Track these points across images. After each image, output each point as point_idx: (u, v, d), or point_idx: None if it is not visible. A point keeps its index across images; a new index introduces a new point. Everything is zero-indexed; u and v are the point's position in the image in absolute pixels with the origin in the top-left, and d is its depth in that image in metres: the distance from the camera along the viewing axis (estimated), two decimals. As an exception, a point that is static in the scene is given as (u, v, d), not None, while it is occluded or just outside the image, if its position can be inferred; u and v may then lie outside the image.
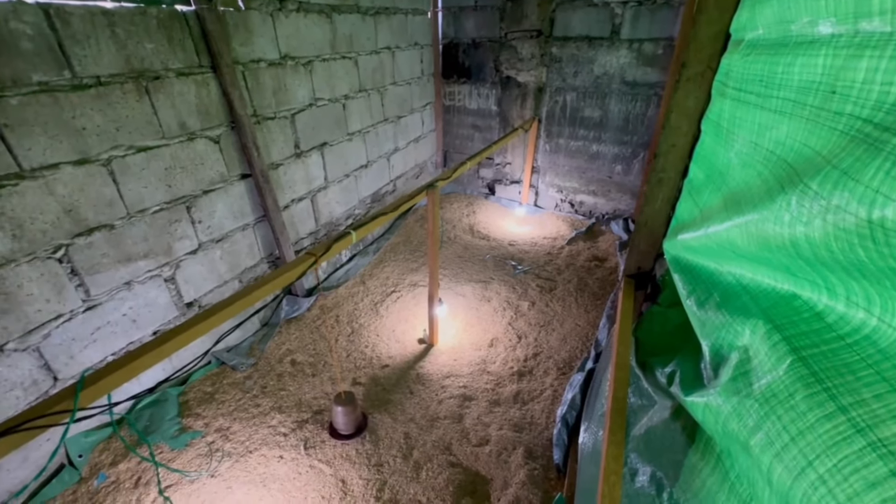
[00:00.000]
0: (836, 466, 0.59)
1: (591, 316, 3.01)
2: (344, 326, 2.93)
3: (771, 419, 0.71)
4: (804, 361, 0.71)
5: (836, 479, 0.58)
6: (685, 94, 1.48)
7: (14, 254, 1.64)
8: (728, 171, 1.15)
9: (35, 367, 1.79)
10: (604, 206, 4.43)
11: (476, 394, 2.39)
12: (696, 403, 0.96)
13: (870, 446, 0.56)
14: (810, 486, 0.61)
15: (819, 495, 0.59)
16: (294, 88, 2.75)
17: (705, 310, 1.11)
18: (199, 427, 2.15)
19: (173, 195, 2.17)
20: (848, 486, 0.56)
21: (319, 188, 3.21)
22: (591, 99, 3.95)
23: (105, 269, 1.95)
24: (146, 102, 1.95)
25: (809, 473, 0.62)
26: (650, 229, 1.71)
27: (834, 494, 0.58)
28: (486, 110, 4.58)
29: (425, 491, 1.88)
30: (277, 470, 1.97)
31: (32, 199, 1.65)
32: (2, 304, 1.64)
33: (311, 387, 2.43)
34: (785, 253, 0.75)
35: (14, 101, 1.54)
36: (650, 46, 3.51)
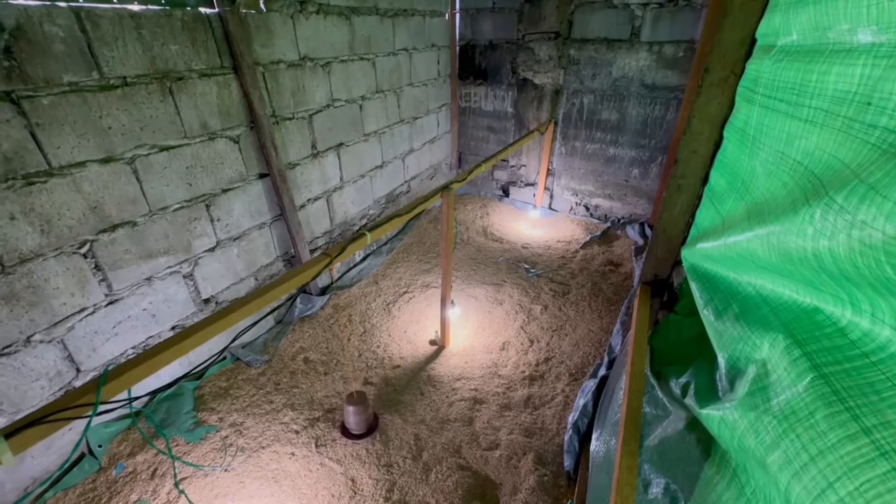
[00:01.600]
0: (858, 490, 0.57)
1: (604, 322, 2.97)
2: (356, 326, 2.95)
3: (790, 437, 0.70)
4: (825, 379, 0.69)
5: (857, 502, 0.56)
6: (708, 100, 1.45)
7: (42, 248, 1.70)
8: (752, 180, 1.13)
9: (59, 359, 1.85)
10: (619, 210, 4.37)
11: (487, 397, 2.38)
12: (712, 417, 0.94)
13: (895, 470, 0.54)
14: (831, 508, 0.59)
15: (840, 519, 0.58)
16: (312, 89, 2.79)
17: (723, 320, 1.09)
18: (214, 421, 2.19)
19: (193, 193, 2.21)
20: (871, 510, 0.55)
21: (335, 188, 3.24)
22: (608, 102, 3.91)
23: (127, 265, 2.01)
24: (170, 103, 2.00)
25: (830, 495, 0.60)
26: (668, 236, 1.68)
27: (856, 518, 0.56)
28: (502, 112, 4.57)
29: (434, 494, 1.89)
30: (289, 466, 1.99)
31: (60, 196, 1.71)
32: (30, 297, 1.70)
33: (323, 385, 2.46)
34: (807, 266, 0.73)
35: (46, 100, 1.60)
36: (671, 49, 3.45)
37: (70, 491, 1.87)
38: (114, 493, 1.86)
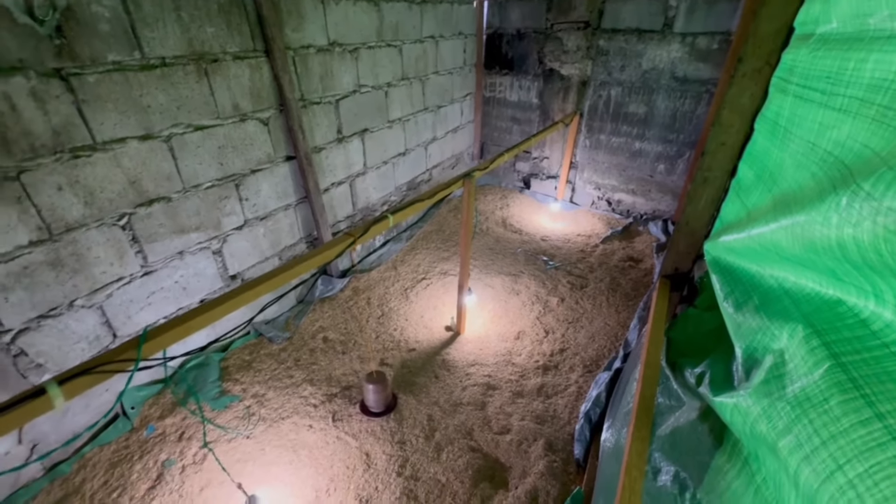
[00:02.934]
0: (868, 471, 0.58)
1: (621, 316, 2.95)
2: (374, 309, 3.02)
3: (802, 422, 0.70)
4: (843, 367, 0.70)
5: (865, 483, 0.57)
6: (740, 91, 1.42)
7: (85, 219, 1.80)
8: (780, 172, 1.11)
9: (98, 324, 1.97)
10: (643, 205, 4.30)
11: (500, 384, 2.42)
12: (725, 404, 0.95)
13: (906, 454, 0.55)
14: (838, 489, 0.60)
15: (847, 499, 0.59)
16: (340, 75, 2.83)
17: (742, 312, 1.08)
18: (238, 392, 2.30)
19: (224, 173, 2.30)
20: (878, 490, 0.55)
21: (358, 173, 3.29)
22: (636, 94, 3.83)
23: (161, 239, 2.10)
24: (204, 84, 2.07)
25: (838, 477, 0.61)
26: (691, 229, 1.66)
27: (862, 499, 0.57)
28: (527, 103, 4.53)
29: (445, 472, 1.94)
30: (307, 438, 2.08)
31: (102, 170, 1.80)
32: (73, 264, 1.81)
33: (341, 363, 2.54)
34: (831, 256, 0.73)
35: (91, 78, 1.68)
36: (705, 41, 3.35)
37: (105, 447, 2.00)
38: (144, 452, 1.98)
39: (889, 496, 0.54)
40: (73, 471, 1.91)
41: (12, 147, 1.53)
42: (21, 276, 1.66)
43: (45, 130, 1.60)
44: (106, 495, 1.81)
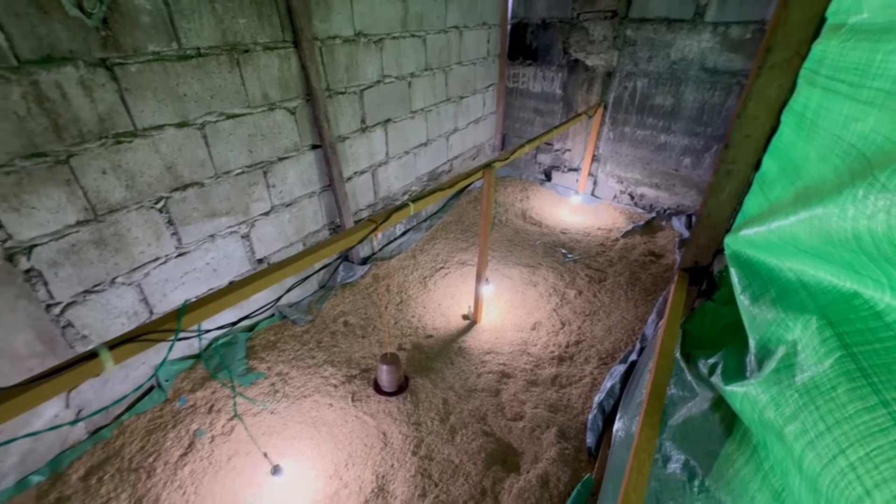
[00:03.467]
0: (868, 455, 0.59)
1: (640, 311, 2.94)
2: (394, 296, 3.09)
3: (809, 409, 0.72)
4: (853, 357, 0.71)
5: (866, 466, 0.59)
6: (767, 82, 1.40)
7: (126, 201, 1.91)
8: (805, 165, 1.10)
9: (136, 301, 2.09)
10: (666, 200, 4.22)
11: (515, 372, 2.46)
12: (735, 393, 0.97)
13: (907, 438, 0.56)
14: (839, 472, 0.62)
15: (847, 481, 0.61)
16: (365, 65, 2.88)
17: (758, 305, 1.09)
18: (263, 369, 2.41)
19: (253, 160, 2.38)
20: (877, 473, 0.57)
21: (380, 163, 3.35)
22: (663, 86, 3.75)
23: (194, 222, 2.21)
24: (236, 73, 2.15)
25: (840, 461, 0.63)
26: (712, 223, 1.65)
27: (862, 481, 0.59)
28: (550, 94, 4.49)
29: (458, 454, 2.00)
30: (327, 416, 2.17)
31: (142, 155, 1.91)
32: (115, 244, 1.93)
33: (361, 347, 2.62)
34: (847, 247, 0.74)
35: (133, 68, 1.78)
36: (737, 30, 3.25)
37: (142, 416, 2.14)
38: (177, 422, 2.11)
39: (888, 478, 0.56)
40: (113, 436, 2.06)
41: (63, 133, 1.64)
42: (69, 254, 1.78)
43: (91, 117, 1.71)
44: (143, 459, 1.95)
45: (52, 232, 1.71)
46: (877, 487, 0.57)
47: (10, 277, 1.65)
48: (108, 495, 1.81)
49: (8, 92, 1.48)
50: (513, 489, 1.84)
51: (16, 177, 1.57)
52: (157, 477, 1.88)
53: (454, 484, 1.87)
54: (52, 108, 1.59)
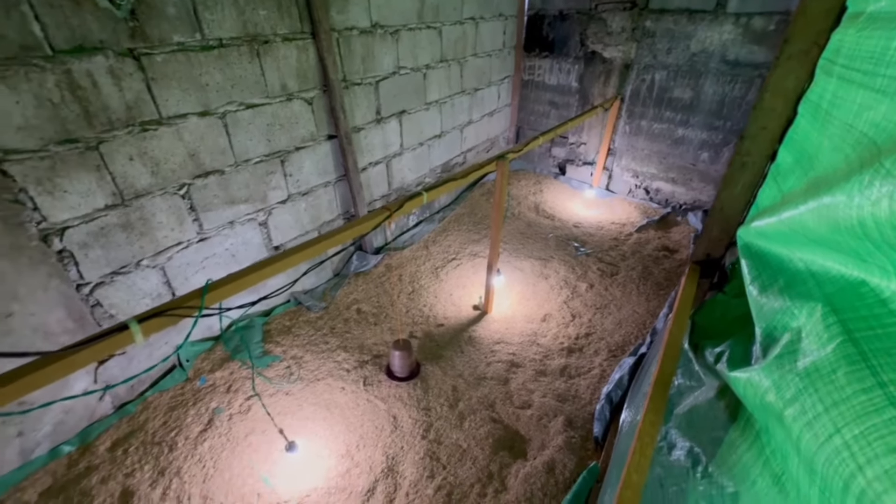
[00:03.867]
0: (862, 433, 0.61)
1: (651, 305, 2.93)
2: (406, 285, 3.14)
3: (809, 391, 0.73)
4: (855, 342, 0.72)
5: (860, 444, 0.61)
6: (785, 73, 1.39)
7: (151, 187, 1.99)
8: (818, 155, 1.10)
9: (160, 283, 2.18)
10: (683, 195, 4.17)
11: (524, 362, 2.49)
12: (739, 379, 0.98)
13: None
14: (834, 450, 0.64)
15: (841, 459, 0.62)
16: (380, 56, 2.91)
17: (766, 294, 1.10)
18: (278, 353, 2.49)
19: (271, 149, 2.45)
20: (870, 449, 0.59)
21: (395, 154, 3.39)
22: (682, 78, 3.69)
23: (215, 209, 2.29)
24: (256, 64, 2.20)
25: (836, 439, 0.64)
26: (725, 215, 1.64)
27: (855, 458, 0.60)
28: (566, 87, 4.45)
29: (467, 439, 2.05)
30: (339, 398, 2.24)
31: (167, 143, 1.98)
32: (141, 227, 2.01)
33: (373, 334, 2.68)
34: (853, 235, 0.74)
35: (159, 58, 1.84)
36: (761, 21, 3.17)
37: (164, 393, 2.24)
38: (197, 400, 2.21)
39: (879, 454, 0.58)
40: (137, 411, 2.16)
41: (93, 120, 1.72)
42: (98, 236, 1.87)
43: (119, 105, 1.78)
44: (165, 434, 2.05)
45: (82, 215, 1.80)
46: (868, 463, 0.58)
47: (44, 257, 1.74)
48: (133, 466, 1.91)
49: (43, 80, 1.55)
50: (519, 474, 1.88)
51: (50, 161, 1.65)
52: (178, 451, 1.98)
53: (462, 467, 1.92)
54: (83, 95, 1.67)
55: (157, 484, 1.84)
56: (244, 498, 1.80)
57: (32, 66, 1.52)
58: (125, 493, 1.81)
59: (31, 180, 1.62)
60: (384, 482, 1.86)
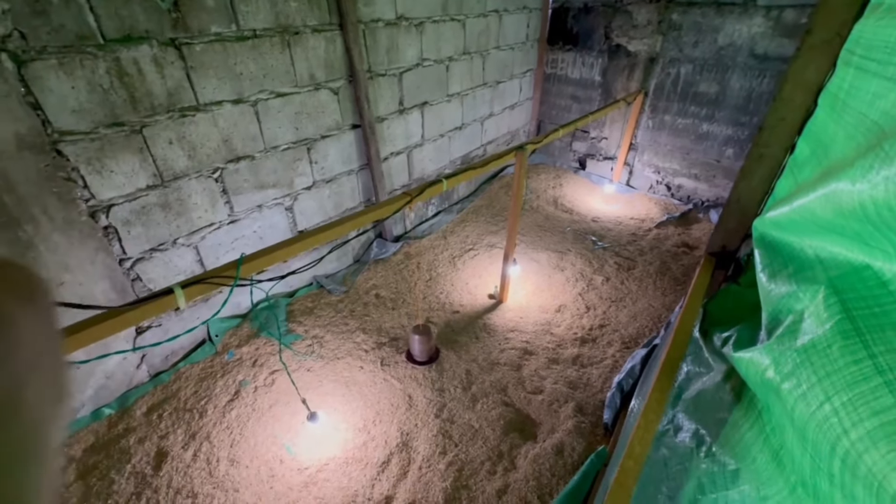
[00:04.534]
0: (850, 400, 0.65)
1: (667, 300, 2.93)
2: (423, 273, 3.22)
3: (805, 366, 0.77)
4: (852, 319, 0.75)
5: (847, 409, 0.65)
6: (805, 63, 1.39)
7: (188, 170, 2.12)
8: (832, 145, 1.12)
9: (193, 261, 2.32)
10: (705, 192, 4.11)
11: (537, 350, 2.54)
12: (742, 359, 1.01)
13: (885, 384, 0.61)
14: (823, 417, 0.68)
15: (829, 424, 0.66)
16: (405, 48, 2.98)
17: (775, 280, 1.12)
18: (301, 332, 2.61)
19: (298, 137, 2.55)
20: (855, 414, 0.63)
21: (416, 145, 3.46)
22: (709, 73, 3.63)
23: (245, 192, 2.41)
24: (287, 54, 2.30)
25: (825, 407, 0.68)
26: (742, 207, 1.65)
27: (842, 422, 0.65)
28: (589, 80, 4.43)
29: (479, 419, 2.12)
30: (358, 377, 2.34)
31: (203, 129, 2.10)
32: (177, 208, 2.14)
33: (391, 318, 2.77)
34: (855, 217, 0.78)
35: (198, 48, 1.95)
36: (793, 14, 3.10)
37: (195, 365, 2.38)
38: (225, 372, 2.34)
39: (864, 417, 0.62)
40: (171, 380, 2.31)
41: (138, 105, 1.84)
42: (140, 214, 2.01)
43: (161, 91, 1.90)
44: (196, 402, 2.19)
45: (126, 194, 1.93)
46: (853, 426, 0.62)
47: (91, 232, 1.88)
48: (167, 429, 2.05)
49: (95, 67, 1.68)
50: (528, 454, 1.94)
51: (99, 143, 1.79)
52: (207, 418, 2.11)
53: (473, 446, 1.99)
54: (129, 82, 1.79)
55: (188, 446, 1.98)
56: (268, 463, 1.92)
57: (86, 53, 1.64)
58: (160, 453, 1.96)
59: (83, 160, 1.76)
60: (398, 455, 1.95)
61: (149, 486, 1.82)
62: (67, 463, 1.90)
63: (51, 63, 1.58)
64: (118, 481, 1.83)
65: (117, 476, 1.85)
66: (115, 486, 1.81)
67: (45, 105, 1.60)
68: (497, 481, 1.84)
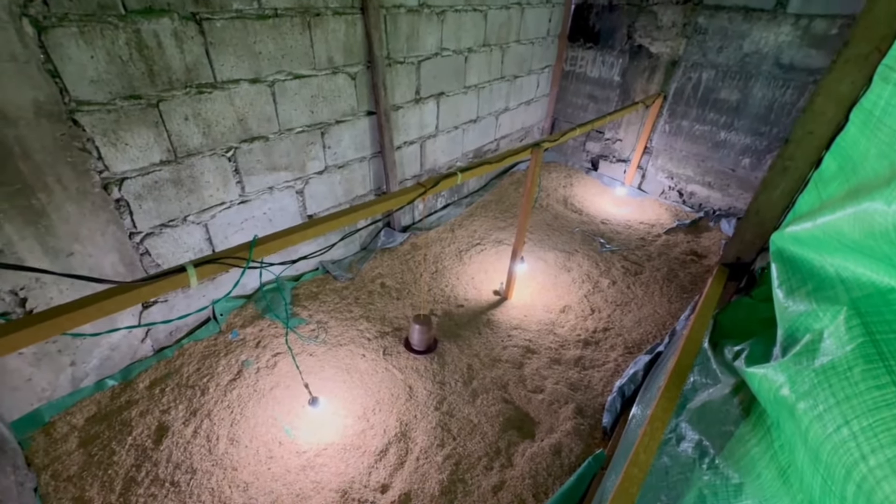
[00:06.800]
0: (871, 425, 0.64)
1: (673, 307, 2.91)
2: (430, 265, 3.21)
3: (823, 386, 0.76)
4: (875, 343, 0.74)
5: (866, 434, 0.64)
6: (840, 77, 1.36)
7: (202, 147, 2.11)
8: (862, 163, 1.09)
9: (202, 239, 2.32)
10: (718, 200, 4.07)
11: (539, 349, 2.53)
12: (755, 374, 1.00)
13: (910, 411, 0.60)
14: (841, 440, 0.67)
15: (846, 448, 0.65)
16: (425, 36, 2.93)
17: (793, 297, 1.11)
18: (305, 316, 2.61)
19: (313, 120, 2.53)
20: (875, 440, 0.62)
21: (430, 135, 3.43)
22: (731, 80, 3.57)
23: (257, 173, 2.40)
24: (307, 36, 2.27)
25: (843, 430, 0.67)
26: (760, 219, 1.63)
27: (860, 447, 0.63)
28: (608, 80, 4.36)
29: (478, 415, 2.12)
30: (360, 364, 2.34)
31: (219, 106, 2.08)
32: (189, 185, 2.13)
33: (395, 308, 2.77)
34: (886, 240, 0.76)
35: (219, 23, 1.93)
36: (822, 24, 3.03)
37: (199, 342, 2.40)
38: (228, 351, 2.35)
39: (884, 444, 0.61)
40: (174, 356, 2.32)
41: (155, 79, 1.83)
42: (152, 189, 2.00)
43: (180, 66, 1.88)
44: (198, 379, 2.20)
45: (139, 168, 1.93)
46: (872, 452, 0.61)
47: (104, 204, 1.88)
48: (169, 404, 2.07)
49: (116, 37, 1.66)
50: (526, 452, 1.95)
51: (115, 115, 1.78)
52: (209, 395, 2.13)
53: (471, 440, 2.00)
54: (148, 55, 1.77)
55: (189, 422, 2.00)
56: (266, 444, 1.93)
57: (107, 23, 1.63)
58: (161, 427, 1.97)
59: (99, 131, 1.75)
60: (397, 445, 1.96)
61: (149, 460, 1.84)
62: (69, 431, 1.92)
63: (71, 31, 1.56)
64: (119, 452, 1.85)
65: (118, 447, 1.87)
66: (115, 458, 1.83)
67: (64, 73, 1.59)
68: (493, 477, 1.85)
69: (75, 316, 0.99)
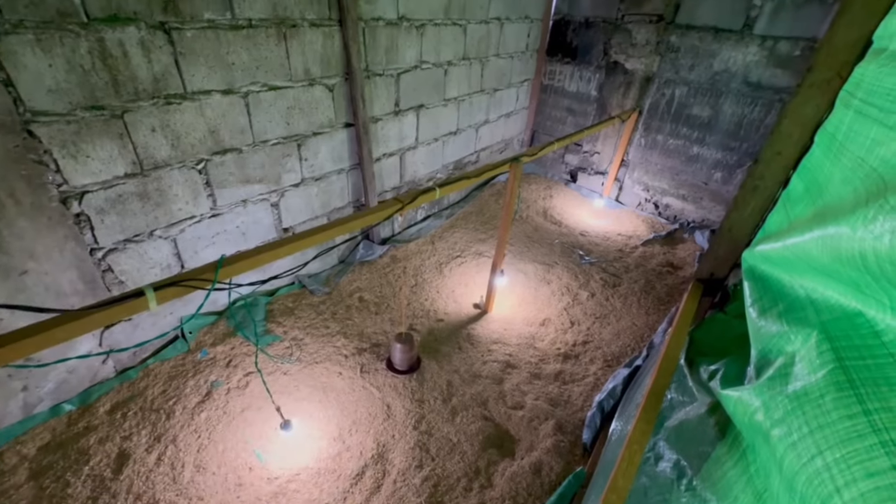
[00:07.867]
0: (844, 457, 0.63)
1: (650, 319, 2.95)
2: (409, 278, 3.17)
3: (796, 413, 0.76)
4: (845, 369, 0.74)
5: (840, 466, 0.63)
6: (804, 100, 1.40)
7: (170, 160, 2.03)
8: (827, 186, 1.12)
9: (170, 254, 2.22)
10: (692, 213, 4.17)
11: (519, 364, 2.51)
12: (730, 397, 1.00)
13: (881, 444, 0.60)
14: (815, 471, 0.67)
15: (821, 479, 0.65)
16: (404, 49, 2.93)
17: (765, 317, 1.12)
18: (280, 333, 2.53)
19: (289, 132, 2.48)
20: (849, 473, 0.61)
21: (409, 147, 3.41)
22: (702, 96, 3.68)
23: (230, 186, 2.32)
24: (282, 47, 2.23)
25: (817, 461, 0.67)
26: (733, 236, 1.66)
27: (834, 480, 0.63)
28: (585, 95, 4.45)
29: (457, 433, 2.08)
30: (336, 383, 2.28)
31: (189, 118, 2.01)
32: (157, 198, 2.05)
33: (373, 323, 2.72)
34: (854, 266, 0.77)
35: (189, 33, 1.87)
36: (786, 46, 3.16)
37: (166, 362, 2.29)
38: (197, 371, 2.25)
39: (857, 478, 0.60)
40: (138, 377, 2.21)
41: (120, 89, 1.76)
42: (115, 203, 1.91)
43: (147, 76, 1.81)
44: (164, 402, 2.09)
45: (102, 181, 1.84)
46: (846, 486, 0.61)
47: (62, 219, 1.78)
48: (131, 430, 1.96)
49: (76, 46, 1.59)
50: (506, 472, 1.91)
51: (76, 126, 1.69)
52: (175, 419, 2.02)
53: (450, 460, 1.96)
54: (113, 64, 1.70)
55: (152, 449, 1.89)
56: (236, 470, 1.84)
57: (67, 31, 1.55)
58: (121, 454, 1.86)
59: (57, 143, 1.66)
60: (373, 468, 1.90)
61: (107, 491, 1.72)
62: (19, 462, 1.79)
63: (27, 38, 1.48)
64: (74, 484, 1.73)
65: (73, 478, 1.75)
66: (69, 490, 1.71)
67: (18, 82, 1.51)
68: (473, 499, 1.81)
69: (20, 346, 0.92)
